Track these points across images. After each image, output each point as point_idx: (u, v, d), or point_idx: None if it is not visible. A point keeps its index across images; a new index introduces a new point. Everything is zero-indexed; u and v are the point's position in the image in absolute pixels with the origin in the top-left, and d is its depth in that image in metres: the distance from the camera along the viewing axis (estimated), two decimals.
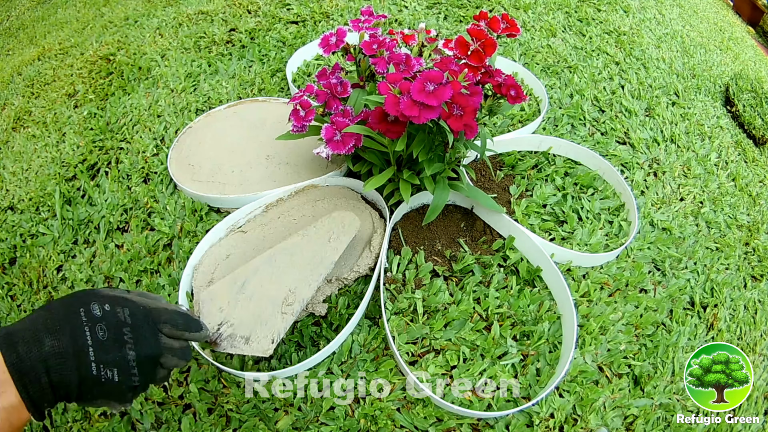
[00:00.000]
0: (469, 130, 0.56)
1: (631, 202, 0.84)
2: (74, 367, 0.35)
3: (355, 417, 0.60)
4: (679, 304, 0.76)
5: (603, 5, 1.46)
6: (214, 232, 0.74)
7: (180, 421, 0.59)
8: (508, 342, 0.66)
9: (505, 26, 0.66)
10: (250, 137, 0.91)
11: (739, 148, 1.16)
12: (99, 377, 0.37)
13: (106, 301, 0.39)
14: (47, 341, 0.35)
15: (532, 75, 1.08)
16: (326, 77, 0.72)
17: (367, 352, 0.65)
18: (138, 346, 0.39)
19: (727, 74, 1.46)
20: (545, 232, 0.81)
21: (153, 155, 0.92)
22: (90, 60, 1.23)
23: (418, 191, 0.78)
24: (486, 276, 0.73)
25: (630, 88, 1.17)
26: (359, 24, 0.70)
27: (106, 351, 0.37)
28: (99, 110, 1.06)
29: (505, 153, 0.92)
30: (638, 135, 1.04)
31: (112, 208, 0.83)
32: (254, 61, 1.14)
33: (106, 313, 0.38)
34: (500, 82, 0.61)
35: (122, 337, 0.38)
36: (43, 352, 0.35)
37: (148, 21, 1.37)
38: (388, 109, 0.54)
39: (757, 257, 0.90)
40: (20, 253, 0.80)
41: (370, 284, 0.67)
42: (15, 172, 0.96)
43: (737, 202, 1.00)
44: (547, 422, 0.60)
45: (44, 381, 0.34)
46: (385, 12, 1.31)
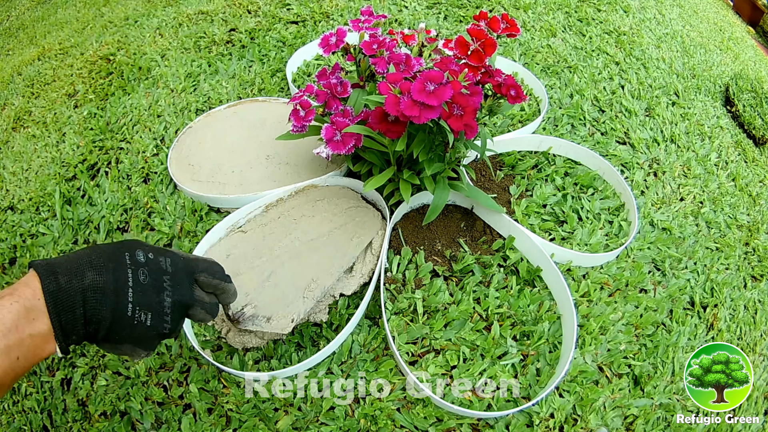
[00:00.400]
0: (469, 130, 0.56)
1: (631, 202, 0.84)
2: (111, 304, 0.36)
3: (355, 417, 0.60)
4: (679, 304, 0.76)
5: (603, 5, 1.46)
6: (214, 232, 0.74)
7: (180, 421, 0.59)
8: (508, 342, 0.66)
9: (505, 26, 0.66)
10: (250, 137, 0.91)
11: (739, 148, 1.16)
12: (132, 318, 0.38)
13: (151, 250, 0.41)
14: (89, 274, 0.36)
15: (532, 75, 1.08)
16: (326, 77, 0.72)
17: (367, 352, 0.65)
18: (175, 294, 0.41)
19: (727, 74, 1.46)
20: (545, 232, 0.81)
21: (153, 155, 0.92)
22: (90, 60, 1.23)
23: (418, 191, 0.78)
24: (486, 276, 0.73)
25: (630, 88, 1.17)
26: (359, 24, 0.70)
27: (144, 294, 0.38)
28: (99, 110, 1.06)
29: (505, 153, 0.92)
30: (638, 135, 1.04)
31: (112, 208, 0.83)
32: (254, 61, 1.14)
33: (149, 260, 0.40)
34: (500, 82, 0.61)
35: (162, 284, 0.40)
36: (84, 284, 0.35)
37: (148, 21, 1.37)
38: (388, 109, 0.54)
39: (757, 257, 0.90)
40: (20, 253, 0.80)
41: (370, 284, 0.67)
42: (15, 172, 0.96)
43: (737, 202, 1.00)
44: (547, 422, 0.60)
45: (79, 312, 0.35)
46: (385, 12, 1.31)
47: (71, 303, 0.35)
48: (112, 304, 0.36)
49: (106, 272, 0.37)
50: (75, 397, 0.62)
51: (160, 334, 0.40)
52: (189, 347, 0.64)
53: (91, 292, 0.35)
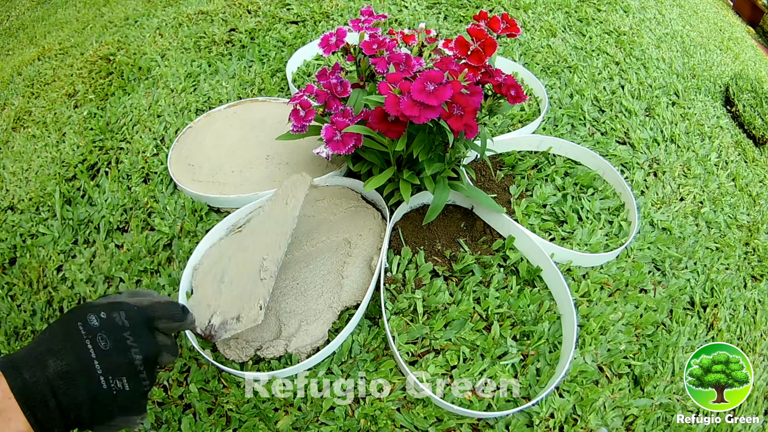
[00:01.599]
0: (469, 130, 0.56)
1: (631, 202, 0.84)
2: (84, 385, 0.34)
3: (355, 417, 0.60)
4: (679, 304, 0.76)
5: (603, 5, 1.46)
6: (214, 232, 0.74)
7: (180, 421, 0.59)
8: (508, 342, 0.66)
9: (505, 26, 0.66)
10: (250, 137, 0.91)
11: (739, 148, 1.16)
12: (110, 390, 0.36)
13: (101, 309, 0.38)
14: (51, 363, 0.34)
15: (532, 75, 1.08)
16: (326, 77, 0.72)
17: (367, 352, 0.65)
18: (141, 349, 0.38)
19: (727, 74, 1.46)
20: (545, 232, 0.81)
21: (153, 155, 0.92)
22: (90, 60, 1.23)
23: (418, 191, 0.78)
24: (486, 276, 0.73)
25: (630, 88, 1.17)
26: (359, 24, 0.70)
27: (111, 360, 0.36)
28: (99, 110, 1.06)
29: (505, 153, 0.92)
30: (638, 135, 1.04)
31: (112, 208, 0.83)
32: (254, 61, 1.14)
33: (103, 321, 0.37)
34: (500, 82, 0.61)
35: (125, 342, 0.38)
36: (48, 374, 0.33)
37: (148, 21, 1.37)
38: (388, 109, 0.54)
39: (757, 257, 0.90)
40: (20, 253, 0.80)
41: (370, 284, 0.67)
42: (15, 172, 0.96)
43: (737, 202, 1.00)
44: (547, 422, 0.60)
45: (52, 404, 0.33)
46: (385, 12, 1.31)
47: (42, 397, 0.33)
48: (85, 384, 0.34)
49: (66, 354, 0.34)
50: None
51: (142, 394, 0.38)
52: (189, 347, 0.64)
53: (58, 380, 0.33)
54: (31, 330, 0.71)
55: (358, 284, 0.69)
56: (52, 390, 0.33)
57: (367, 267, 0.71)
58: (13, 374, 0.33)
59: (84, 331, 0.36)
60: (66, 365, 0.34)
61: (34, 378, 0.33)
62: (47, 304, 0.73)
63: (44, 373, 0.33)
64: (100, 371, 0.35)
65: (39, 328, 0.70)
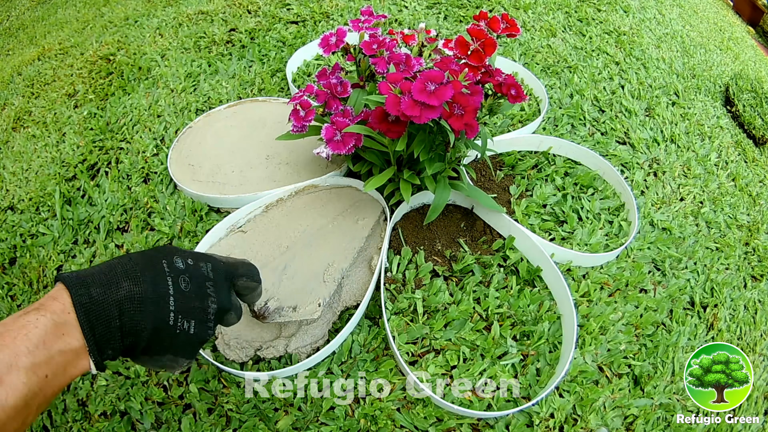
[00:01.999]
0: (469, 130, 0.56)
1: (631, 202, 0.84)
2: (151, 313, 0.34)
3: (355, 417, 0.60)
4: (679, 304, 0.76)
5: (603, 5, 1.46)
6: (214, 232, 0.74)
7: (180, 421, 0.59)
8: (508, 342, 0.66)
9: (505, 26, 0.66)
10: (250, 137, 0.91)
11: (739, 148, 1.16)
12: (174, 327, 0.36)
13: (189, 256, 0.39)
14: (125, 284, 0.34)
15: (532, 75, 1.08)
16: (326, 77, 0.72)
17: (367, 352, 0.65)
18: (219, 300, 0.39)
19: (727, 74, 1.46)
20: (545, 232, 0.81)
21: (153, 155, 0.92)
22: (90, 60, 1.23)
23: (418, 191, 0.78)
24: (486, 276, 0.73)
25: (630, 88, 1.17)
26: (359, 24, 0.70)
27: (187, 301, 0.37)
28: (99, 110, 1.06)
29: (505, 153, 0.92)
30: (638, 135, 1.04)
31: (112, 208, 0.83)
32: (254, 61, 1.14)
33: (189, 267, 0.38)
34: (500, 82, 0.61)
35: (205, 290, 0.38)
36: (120, 295, 0.33)
37: (148, 21, 1.37)
38: (389, 108, 0.54)
39: (757, 257, 0.90)
40: (20, 253, 0.80)
41: (370, 284, 0.67)
42: (15, 172, 0.96)
43: (737, 202, 1.00)
44: (547, 422, 0.60)
45: (115, 324, 0.33)
46: (385, 12, 1.31)
47: (106, 315, 0.32)
48: (153, 313, 0.34)
49: (144, 281, 0.35)
50: (75, 397, 0.62)
51: (202, 341, 0.39)
52: None
53: (128, 302, 0.33)
54: None
55: (358, 284, 0.69)
56: (119, 311, 0.33)
57: (367, 267, 0.71)
58: (80, 289, 0.32)
59: (168, 269, 0.36)
60: (141, 291, 0.34)
61: (104, 296, 0.33)
62: None
63: (116, 293, 0.33)
64: (173, 308, 0.35)
65: None
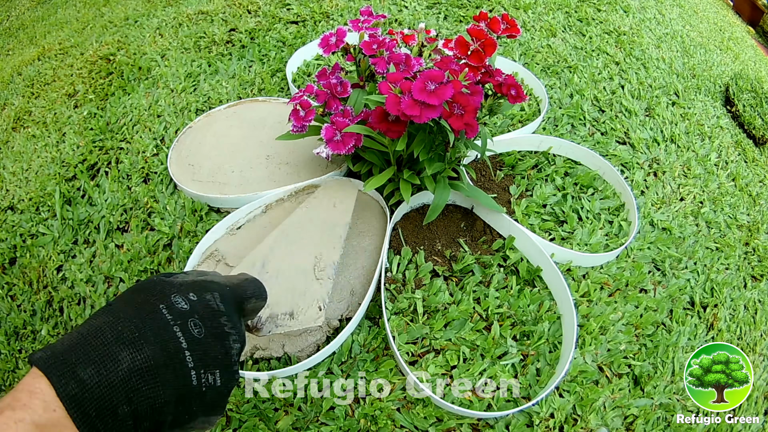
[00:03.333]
0: (469, 130, 0.56)
1: (631, 202, 0.84)
2: (170, 382, 0.27)
3: (355, 417, 0.60)
4: (679, 304, 0.76)
5: (603, 5, 1.46)
6: (214, 232, 0.74)
7: None
8: (508, 342, 0.66)
9: (505, 27, 0.66)
10: (250, 137, 0.91)
11: (739, 148, 1.16)
12: (200, 386, 0.28)
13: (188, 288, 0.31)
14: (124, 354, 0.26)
15: (532, 75, 1.08)
16: (326, 77, 0.72)
17: (367, 352, 0.65)
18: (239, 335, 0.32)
19: (727, 74, 1.46)
20: (545, 232, 0.81)
21: (153, 155, 0.92)
22: (90, 60, 1.23)
23: (418, 191, 0.78)
24: (486, 276, 0.73)
25: (630, 88, 1.17)
26: (359, 24, 0.70)
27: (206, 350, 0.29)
28: (99, 110, 1.06)
29: (505, 153, 0.92)
30: (638, 135, 1.04)
31: (112, 208, 0.83)
32: (254, 61, 1.14)
33: (194, 304, 0.30)
34: (501, 82, 0.61)
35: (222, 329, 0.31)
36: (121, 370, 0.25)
37: (148, 21, 1.37)
38: (389, 108, 0.54)
39: (757, 257, 0.90)
40: (20, 253, 0.80)
41: (370, 284, 0.67)
42: (15, 172, 0.96)
43: (737, 202, 1.00)
44: (547, 422, 0.60)
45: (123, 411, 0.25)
46: (385, 12, 1.31)
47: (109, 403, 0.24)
48: (171, 382, 0.27)
49: (147, 343, 0.26)
50: None
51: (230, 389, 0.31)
52: None
53: (136, 378, 0.25)
54: (31, 330, 0.71)
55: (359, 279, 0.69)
56: (125, 391, 0.25)
57: (364, 256, 0.71)
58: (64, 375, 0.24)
59: (170, 315, 0.28)
60: (147, 358, 0.26)
61: (100, 377, 0.25)
62: (47, 304, 0.73)
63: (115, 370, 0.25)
64: (191, 364, 0.28)
65: (39, 328, 0.70)
